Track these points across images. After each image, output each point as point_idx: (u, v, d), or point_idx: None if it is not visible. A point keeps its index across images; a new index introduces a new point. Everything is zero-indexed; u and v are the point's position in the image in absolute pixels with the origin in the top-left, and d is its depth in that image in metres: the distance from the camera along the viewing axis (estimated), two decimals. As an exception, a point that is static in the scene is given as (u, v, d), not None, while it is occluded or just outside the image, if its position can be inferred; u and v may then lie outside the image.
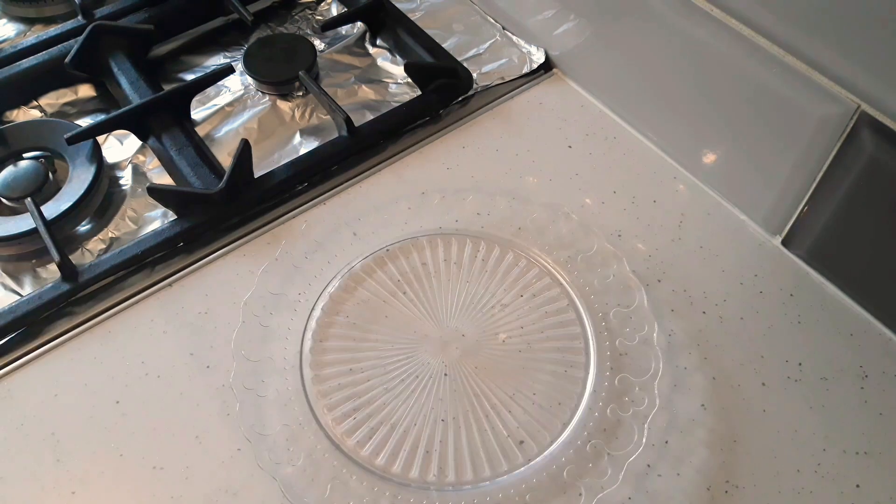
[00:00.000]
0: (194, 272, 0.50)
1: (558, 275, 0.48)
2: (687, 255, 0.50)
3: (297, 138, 0.57)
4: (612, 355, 0.44)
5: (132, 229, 0.52)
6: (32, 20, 0.66)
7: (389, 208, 0.51)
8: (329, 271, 0.48)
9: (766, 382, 0.44)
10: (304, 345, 0.45)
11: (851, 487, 0.40)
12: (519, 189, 0.53)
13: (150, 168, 0.56)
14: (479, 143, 0.57)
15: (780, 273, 0.49)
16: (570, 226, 0.49)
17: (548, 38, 0.61)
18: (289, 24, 0.66)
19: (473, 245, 0.49)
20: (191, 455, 0.42)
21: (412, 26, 0.63)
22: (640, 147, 0.56)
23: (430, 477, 0.40)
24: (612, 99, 0.58)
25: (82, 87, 0.61)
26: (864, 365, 0.45)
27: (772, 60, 0.43)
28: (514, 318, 0.46)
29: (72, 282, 0.47)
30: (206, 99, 0.60)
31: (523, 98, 0.60)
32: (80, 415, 0.43)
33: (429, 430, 0.42)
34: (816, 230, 0.47)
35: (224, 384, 0.44)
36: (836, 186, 0.44)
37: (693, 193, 0.53)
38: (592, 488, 0.39)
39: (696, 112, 0.51)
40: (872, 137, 0.40)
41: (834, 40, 0.40)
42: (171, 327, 0.47)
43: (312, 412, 0.42)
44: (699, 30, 0.47)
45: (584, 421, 0.42)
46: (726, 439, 0.42)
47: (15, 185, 0.53)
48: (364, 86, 0.61)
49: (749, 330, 0.46)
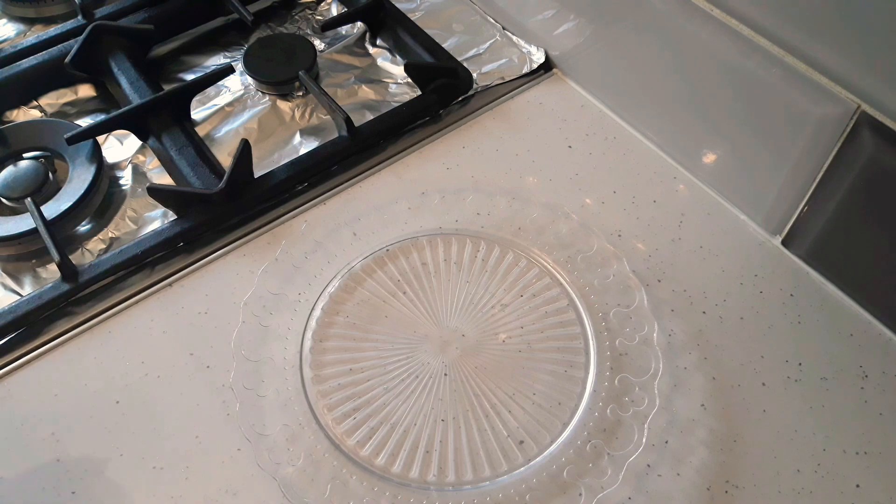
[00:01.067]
0: (194, 272, 0.50)
1: (558, 275, 0.48)
2: (687, 254, 0.50)
3: (297, 138, 0.57)
4: (612, 355, 0.44)
5: (132, 229, 0.52)
6: (32, 20, 0.67)
7: (389, 208, 0.51)
8: (329, 271, 0.48)
9: (766, 382, 0.44)
10: (304, 345, 0.45)
11: (851, 487, 0.40)
12: (519, 189, 0.53)
13: (150, 168, 0.56)
14: (479, 143, 0.57)
15: (780, 273, 0.49)
16: (570, 226, 0.49)
17: (548, 38, 0.61)
18: (289, 24, 0.66)
19: (473, 245, 0.49)
20: (191, 455, 0.42)
21: (412, 26, 0.63)
22: (640, 147, 0.56)
23: (430, 477, 0.40)
24: (612, 99, 0.58)
25: (82, 87, 0.61)
26: (864, 365, 0.45)
27: (772, 60, 0.43)
28: (514, 318, 0.46)
29: (72, 282, 0.47)
30: (206, 99, 0.60)
31: (523, 98, 0.60)
32: (80, 415, 0.43)
33: (429, 430, 0.42)
34: (816, 230, 0.47)
35: (224, 384, 0.44)
36: (836, 186, 0.44)
37: (693, 193, 0.53)
38: (592, 488, 0.39)
39: (697, 112, 0.51)
40: (872, 137, 0.40)
41: (834, 40, 0.40)
42: (171, 327, 0.47)
43: (312, 412, 0.42)
44: (699, 30, 0.47)
45: (584, 421, 0.42)
46: (726, 439, 0.42)
47: (15, 185, 0.53)
48: (364, 86, 0.61)
49: (749, 330, 0.46)
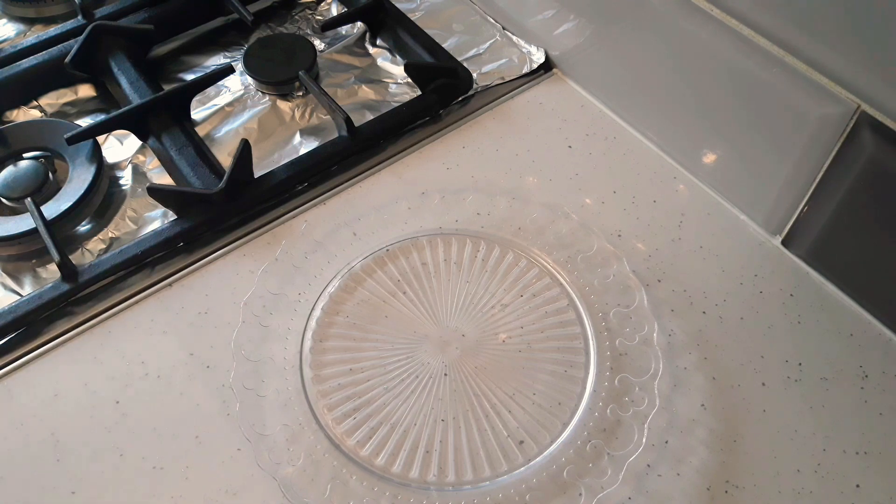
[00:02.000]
0: (194, 272, 0.50)
1: (558, 275, 0.48)
2: (687, 255, 0.50)
3: (297, 138, 0.57)
4: (612, 355, 0.44)
5: (132, 229, 0.52)
6: (32, 20, 0.66)
7: (389, 208, 0.51)
8: (329, 271, 0.48)
9: (766, 382, 0.44)
10: (304, 345, 0.45)
11: (851, 487, 0.40)
12: (519, 189, 0.53)
13: (150, 168, 0.56)
14: (479, 143, 0.57)
15: (780, 273, 0.49)
16: (570, 226, 0.49)
17: (548, 38, 0.61)
18: (289, 24, 0.66)
19: (473, 245, 0.49)
20: (191, 455, 0.42)
21: (412, 26, 0.63)
22: (640, 147, 0.56)
23: (430, 477, 0.40)
24: (612, 99, 0.58)
25: (82, 87, 0.61)
26: (864, 365, 0.45)
27: (772, 60, 0.43)
28: (514, 318, 0.46)
29: (72, 282, 0.47)
30: (206, 99, 0.60)
31: (523, 98, 0.60)
32: (80, 415, 0.43)
33: (429, 430, 0.42)
34: (816, 230, 0.47)
35: (224, 384, 0.44)
36: (836, 186, 0.44)
37: (693, 193, 0.53)
38: (592, 488, 0.39)
39: (697, 112, 0.51)
40: (872, 137, 0.40)
41: (834, 40, 0.40)
42: (171, 327, 0.47)
43: (312, 412, 0.42)
44: (699, 30, 0.47)
45: (584, 421, 0.42)
46: (726, 439, 0.42)
47: (15, 185, 0.53)
48: (364, 86, 0.61)
49: (749, 330, 0.46)
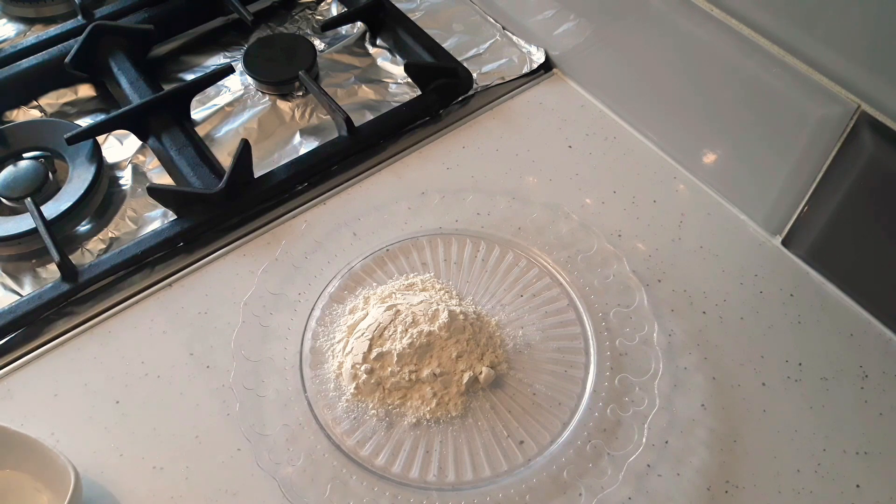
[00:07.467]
0: (194, 272, 0.50)
1: (558, 275, 0.48)
2: (687, 254, 0.50)
3: (297, 138, 0.57)
4: (612, 355, 0.44)
5: (132, 229, 0.52)
6: (32, 20, 0.67)
7: (389, 208, 0.51)
8: (329, 271, 0.48)
9: (766, 382, 0.44)
10: (304, 345, 0.45)
11: (851, 487, 0.40)
12: (519, 189, 0.53)
13: (150, 168, 0.56)
14: (479, 143, 0.57)
15: (780, 273, 0.49)
16: (570, 226, 0.49)
17: (548, 38, 0.61)
18: (289, 24, 0.66)
19: (473, 245, 0.49)
20: (191, 455, 0.42)
21: (412, 26, 0.63)
22: (640, 147, 0.56)
23: (430, 477, 0.40)
24: (612, 99, 0.58)
25: (82, 87, 0.61)
26: (864, 365, 0.45)
27: (772, 60, 0.43)
28: (514, 318, 0.46)
29: (72, 282, 0.47)
30: (206, 99, 0.60)
31: (523, 98, 0.60)
32: (80, 415, 0.43)
33: (429, 430, 0.42)
34: (816, 230, 0.47)
35: (224, 384, 0.44)
36: (836, 186, 0.44)
37: (693, 193, 0.53)
38: (592, 488, 0.39)
39: (697, 112, 0.51)
40: (872, 137, 0.40)
41: (834, 40, 0.40)
42: (171, 327, 0.47)
43: (312, 412, 0.42)
44: (699, 30, 0.47)
45: (584, 421, 0.42)
46: (726, 439, 0.42)
47: (15, 185, 0.53)
48: (364, 86, 0.61)
49: (749, 330, 0.46)
